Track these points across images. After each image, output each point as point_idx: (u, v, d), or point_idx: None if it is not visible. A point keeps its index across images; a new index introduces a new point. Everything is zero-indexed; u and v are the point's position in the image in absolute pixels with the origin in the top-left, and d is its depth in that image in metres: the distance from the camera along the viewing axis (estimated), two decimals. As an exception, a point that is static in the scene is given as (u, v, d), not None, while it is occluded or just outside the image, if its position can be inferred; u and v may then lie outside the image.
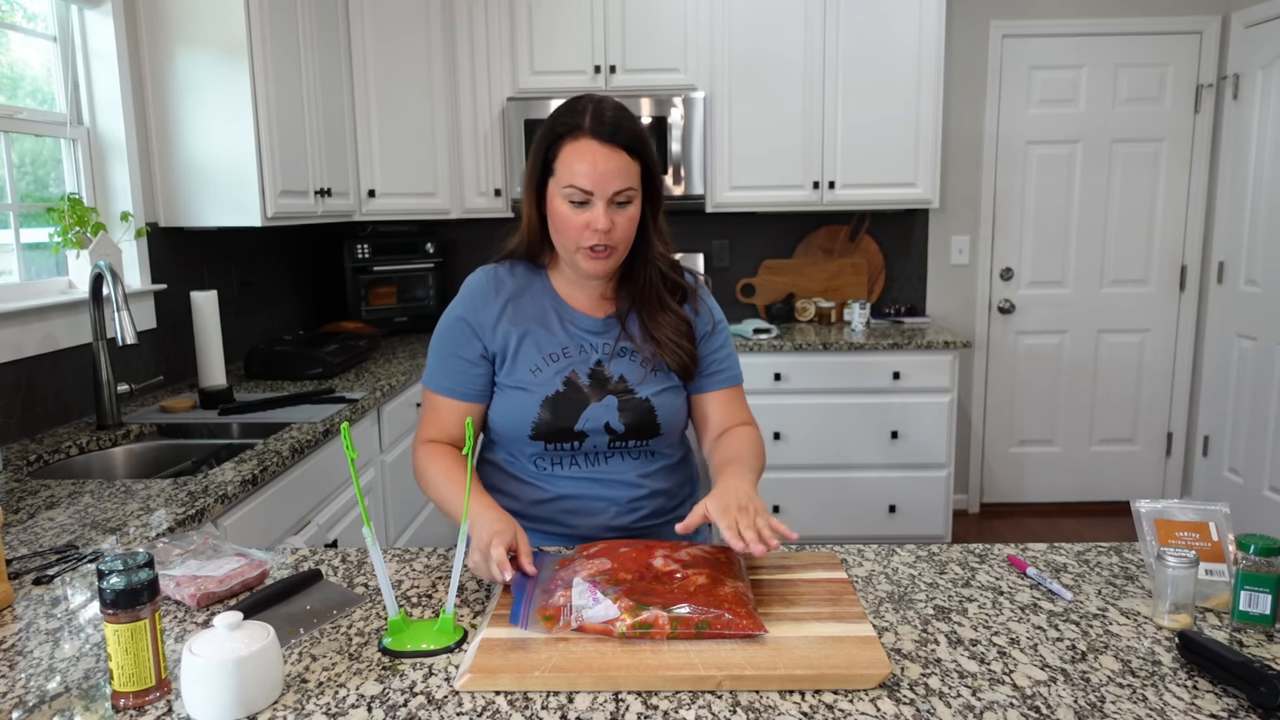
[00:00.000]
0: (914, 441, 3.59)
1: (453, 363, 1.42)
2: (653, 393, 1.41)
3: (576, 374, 1.40)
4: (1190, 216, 4.07)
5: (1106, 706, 0.90)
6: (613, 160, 1.28)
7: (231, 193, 2.69)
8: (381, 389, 2.68)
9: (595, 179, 1.28)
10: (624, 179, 1.29)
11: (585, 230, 1.31)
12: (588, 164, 1.28)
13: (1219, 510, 1.15)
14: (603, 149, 1.28)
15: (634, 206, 1.33)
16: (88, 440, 2.14)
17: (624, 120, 1.31)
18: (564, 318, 1.43)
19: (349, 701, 0.92)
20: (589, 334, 1.43)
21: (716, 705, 0.91)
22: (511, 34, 3.64)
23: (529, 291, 1.44)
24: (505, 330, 1.41)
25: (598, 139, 1.28)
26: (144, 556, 0.94)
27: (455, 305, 1.46)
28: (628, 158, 1.30)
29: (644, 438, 1.42)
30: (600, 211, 1.29)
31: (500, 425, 1.43)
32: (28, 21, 2.39)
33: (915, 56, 3.62)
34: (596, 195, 1.29)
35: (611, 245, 1.32)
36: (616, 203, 1.30)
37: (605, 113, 1.30)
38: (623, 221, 1.32)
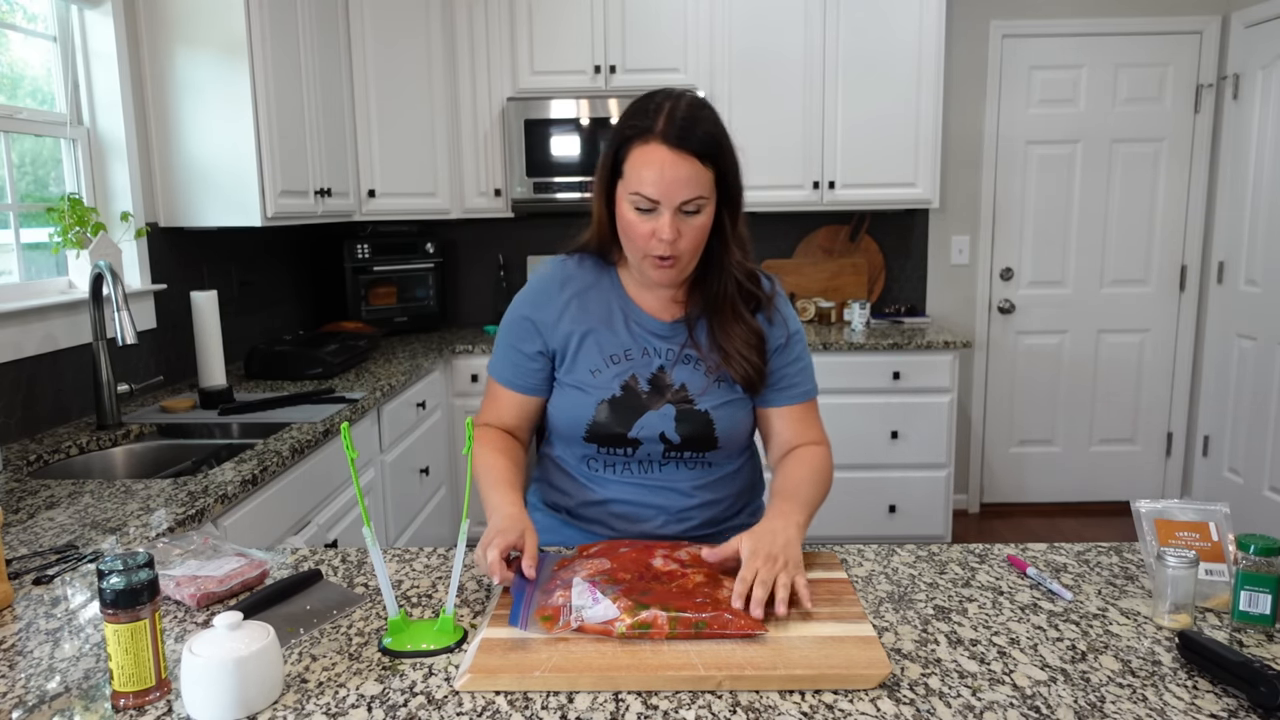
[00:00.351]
0: (914, 441, 3.59)
1: (513, 355, 1.41)
2: (713, 405, 1.35)
3: (636, 378, 1.36)
4: (1190, 216, 4.07)
5: (1106, 706, 0.90)
6: (682, 168, 1.21)
7: (231, 193, 2.69)
8: (381, 389, 2.68)
9: (662, 188, 1.21)
10: (693, 188, 1.22)
11: (651, 239, 1.24)
12: (655, 171, 1.21)
13: (1219, 510, 1.15)
14: (672, 155, 1.20)
15: (704, 215, 1.25)
16: (88, 440, 2.14)
17: (698, 123, 1.23)
18: (630, 317, 1.38)
19: (349, 701, 0.92)
20: (654, 337, 1.38)
21: (716, 705, 0.91)
22: (511, 34, 3.64)
23: (596, 288, 1.40)
24: (567, 328, 1.38)
25: (667, 144, 1.21)
26: (144, 556, 0.94)
27: (520, 297, 1.43)
28: (699, 165, 1.22)
29: (700, 450, 1.37)
30: (666, 221, 1.22)
31: (557, 422, 1.41)
32: (28, 21, 2.39)
33: (915, 56, 3.62)
34: (663, 204, 1.22)
35: (677, 255, 1.26)
36: (684, 211, 1.23)
37: (678, 115, 1.22)
38: (690, 231, 1.25)
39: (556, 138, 3.61)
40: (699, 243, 1.28)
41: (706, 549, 1.16)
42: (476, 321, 4.20)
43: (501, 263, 4.13)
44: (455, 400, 3.56)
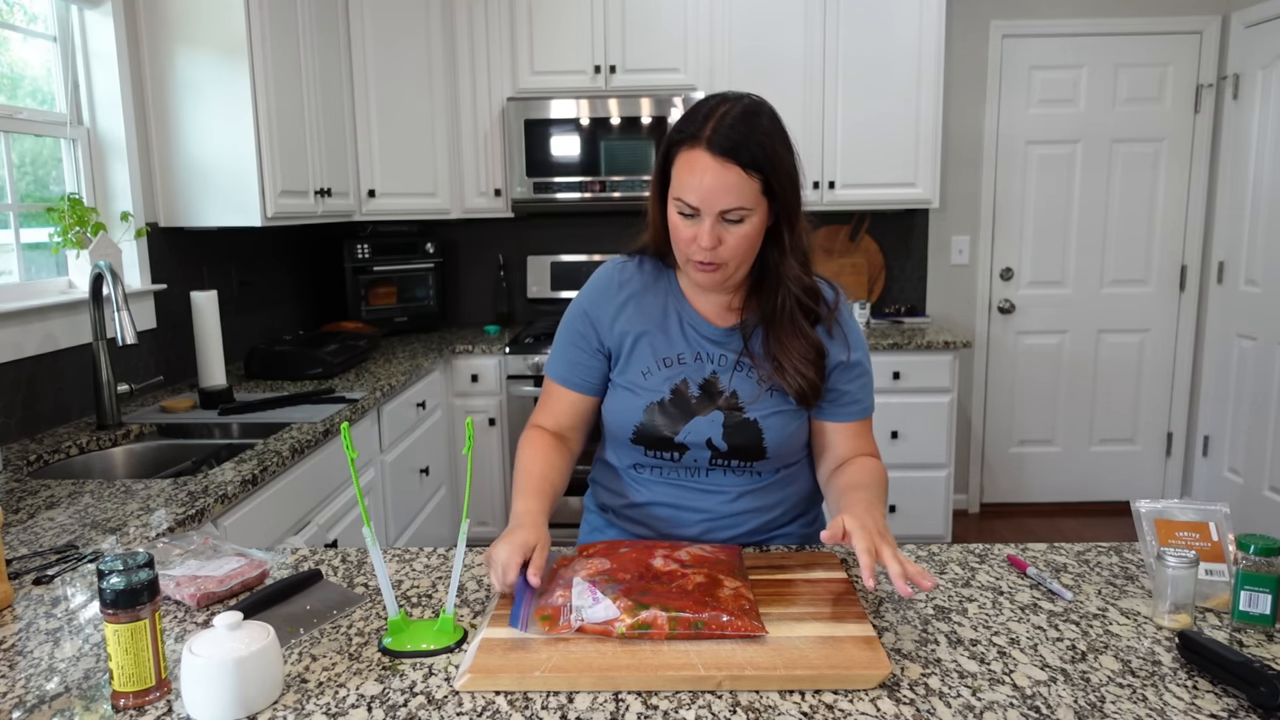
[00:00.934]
0: (914, 441, 3.58)
1: (570, 353, 1.40)
2: (763, 414, 1.33)
3: (687, 383, 1.34)
4: (1190, 216, 4.07)
5: (1106, 706, 0.90)
6: (724, 176, 1.19)
7: (231, 193, 2.69)
8: (381, 389, 2.68)
9: (702, 195, 1.20)
10: (734, 198, 1.20)
11: (693, 244, 1.24)
12: (696, 179, 1.20)
13: (1219, 510, 1.15)
14: (715, 163, 1.19)
15: (748, 225, 1.23)
16: (88, 440, 2.14)
17: (748, 133, 1.20)
18: (685, 321, 1.37)
19: (349, 701, 0.92)
20: (708, 342, 1.36)
21: (716, 705, 0.91)
22: (511, 34, 3.64)
23: (653, 290, 1.39)
24: (622, 328, 1.37)
25: (711, 152, 1.19)
26: (144, 556, 0.94)
27: (580, 296, 1.42)
28: (743, 174, 1.19)
29: (748, 459, 1.35)
30: (706, 228, 1.21)
31: (608, 422, 1.40)
32: (28, 22, 2.39)
33: (915, 56, 3.62)
34: (704, 211, 1.21)
35: (719, 262, 1.25)
36: (726, 220, 1.22)
37: (727, 122, 1.20)
38: (733, 239, 1.23)
39: (557, 138, 3.61)
40: (743, 251, 1.25)
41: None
42: (476, 321, 4.20)
43: (501, 263, 4.13)
44: (455, 400, 3.56)
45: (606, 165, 3.61)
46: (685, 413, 1.33)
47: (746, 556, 1.29)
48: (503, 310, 4.11)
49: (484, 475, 3.60)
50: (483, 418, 3.56)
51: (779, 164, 1.23)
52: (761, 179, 1.21)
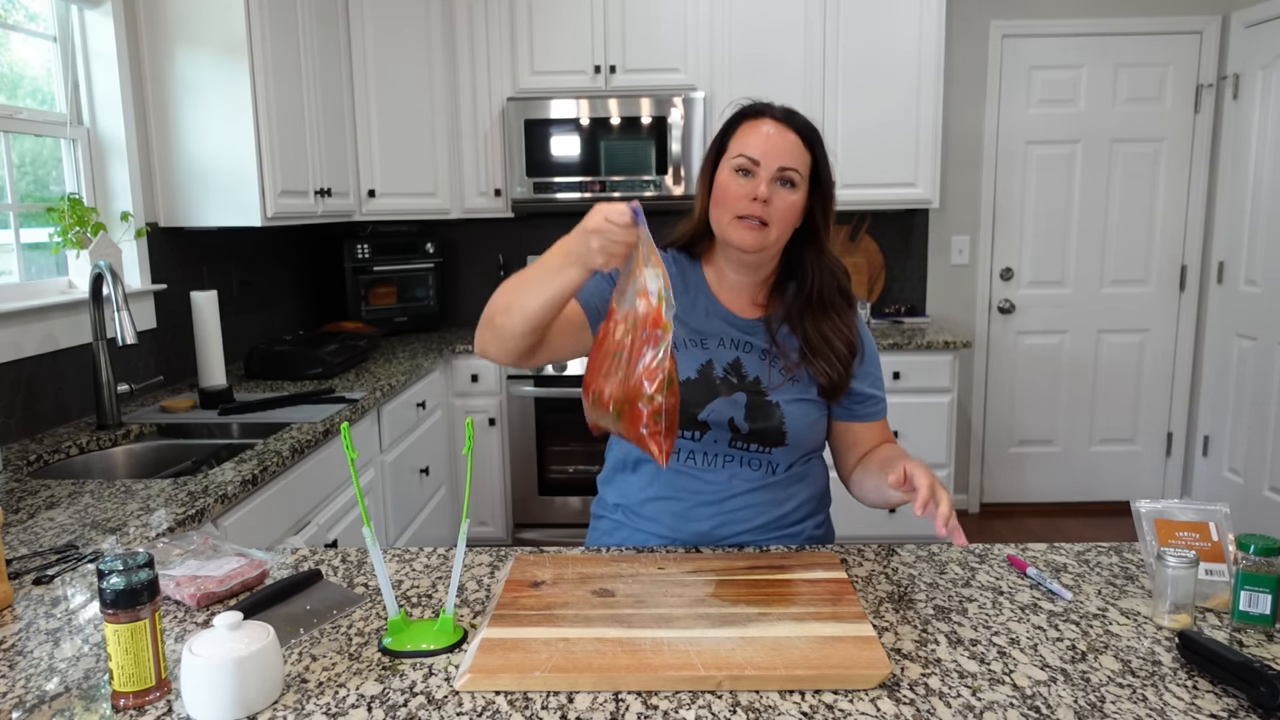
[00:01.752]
0: (914, 441, 3.58)
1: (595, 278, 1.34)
2: (786, 400, 1.36)
3: (713, 364, 1.38)
4: (1190, 216, 4.07)
5: (1106, 706, 0.90)
6: (785, 138, 1.32)
7: (231, 193, 2.69)
8: (381, 389, 2.68)
9: (765, 149, 1.31)
10: (793, 158, 1.31)
11: (743, 199, 1.31)
12: (760, 137, 1.32)
13: (1219, 510, 1.15)
14: (779, 127, 1.33)
15: (797, 194, 1.33)
16: (88, 440, 2.14)
17: (801, 115, 1.36)
18: (711, 311, 1.41)
19: (349, 701, 0.92)
20: (733, 329, 1.40)
21: (716, 705, 0.91)
22: (511, 34, 3.64)
23: (682, 279, 1.43)
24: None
25: (775, 119, 1.34)
26: (144, 556, 0.94)
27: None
28: (800, 143, 1.33)
29: (767, 444, 1.37)
30: (763, 180, 1.30)
31: None
32: (28, 21, 2.39)
33: (915, 57, 3.62)
34: (762, 166, 1.31)
35: (766, 220, 1.31)
36: (781, 180, 1.31)
37: (781, 106, 1.37)
38: (782, 201, 1.31)
39: (557, 138, 3.61)
40: (787, 217, 1.33)
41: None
42: (476, 321, 4.18)
43: (501, 263, 4.13)
44: (455, 400, 3.56)
45: (606, 165, 3.61)
46: (710, 392, 1.35)
47: (747, 556, 1.29)
48: (503, 310, 4.10)
49: (484, 475, 3.60)
50: (483, 418, 3.56)
51: (824, 155, 1.36)
52: (812, 158, 1.34)
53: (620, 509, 1.46)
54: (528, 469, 3.58)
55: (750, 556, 1.29)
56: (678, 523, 1.39)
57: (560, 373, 3.47)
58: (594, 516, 1.54)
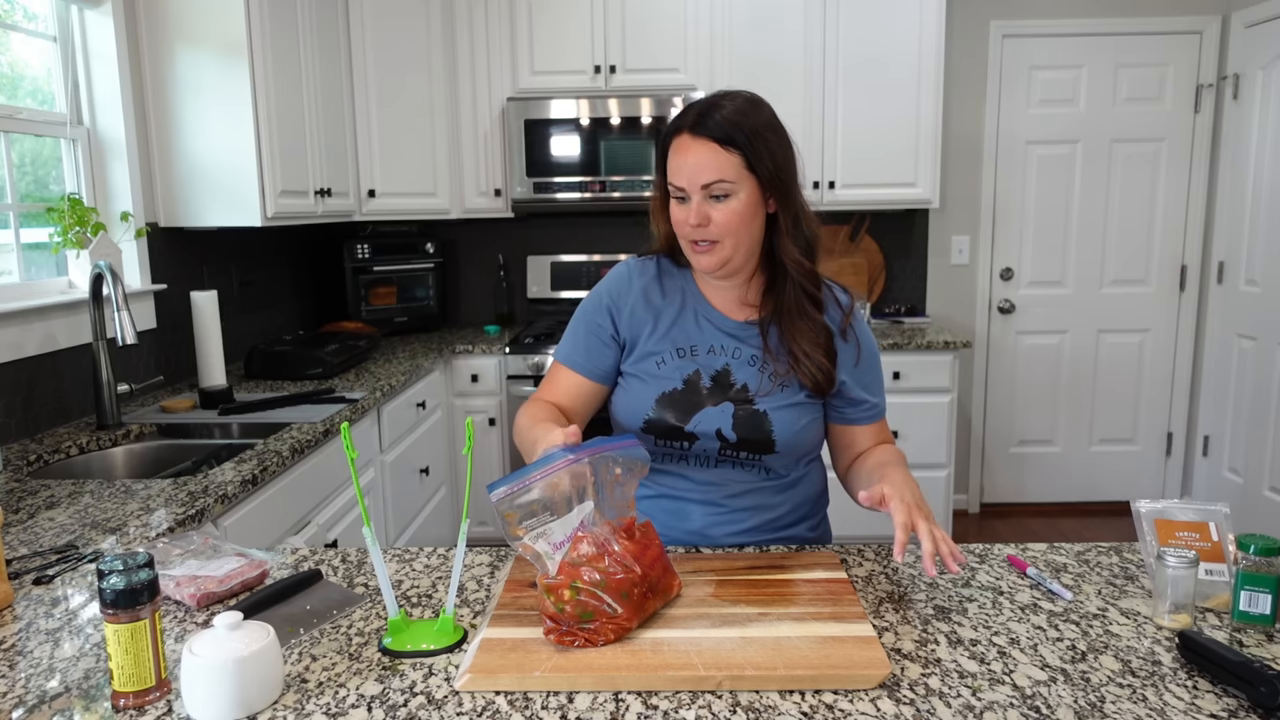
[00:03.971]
0: (914, 441, 3.58)
1: (584, 339, 1.42)
2: (773, 407, 1.35)
3: (699, 374, 1.37)
4: (1190, 216, 4.07)
5: (1106, 706, 0.90)
6: (701, 154, 1.26)
7: (231, 193, 2.69)
8: (381, 389, 2.68)
9: (685, 174, 1.28)
10: (712, 171, 1.26)
11: (683, 225, 1.30)
12: (680, 160, 1.29)
13: (1219, 510, 1.15)
14: (693, 142, 1.27)
15: (735, 201, 1.27)
16: (88, 440, 2.14)
17: (720, 112, 1.27)
18: (700, 314, 1.40)
19: (349, 701, 0.92)
20: (723, 334, 1.39)
21: (716, 705, 0.91)
22: (511, 34, 3.64)
23: (670, 284, 1.43)
24: (640, 317, 1.40)
25: (690, 132, 1.28)
26: (144, 556, 0.94)
27: (598, 288, 1.45)
28: (719, 149, 1.26)
29: (756, 451, 1.36)
30: (693, 206, 1.28)
31: (618, 414, 1.42)
32: (28, 21, 2.39)
33: (915, 57, 3.62)
34: (688, 189, 1.28)
35: (712, 239, 1.29)
36: (713, 196, 1.28)
37: (700, 106, 1.29)
38: (721, 216, 1.28)
39: (557, 138, 3.61)
40: (734, 227, 1.29)
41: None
42: (476, 321, 4.20)
43: (501, 263, 4.13)
44: (455, 400, 3.56)
45: (606, 165, 3.61)
46: (696, 403, 1.35)
47: (747, 556, 1.29)
48: (503, 310, 4.10)
49: (484, 475, 3.60)
50: (483, 418, 3.55)
51: (759, 142, 1.27)
52: (740, 155, 1.26)
53: None
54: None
55: (750, 557, 1.29)
56: (670, 519, 1.40)
57: (560, 373, 3.47)
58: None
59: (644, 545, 1.08)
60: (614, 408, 1.44)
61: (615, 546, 1.04)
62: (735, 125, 1.26)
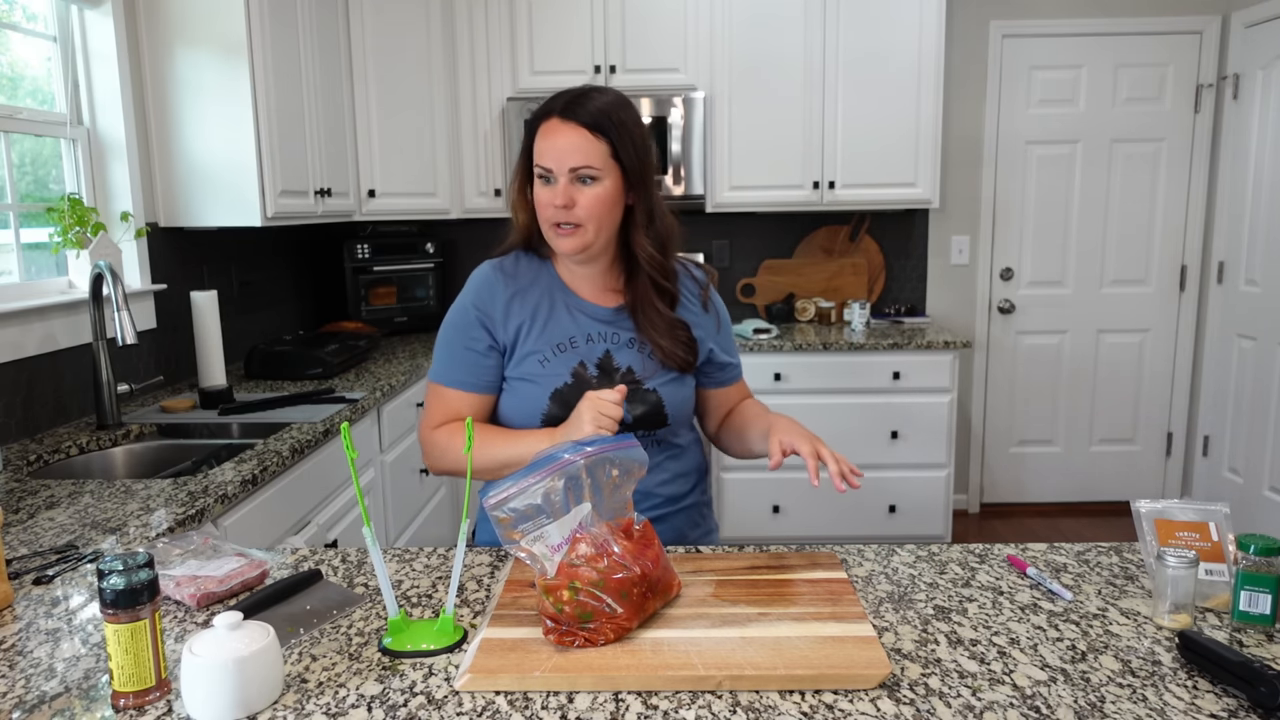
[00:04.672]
0: (914, 441, 3.58)
1: (462, 355, 1.41)
2: (660, 383, 1.41)
3: (584, 365, 1.39)
4: (1190, 216, 4.07)
5: (1106, 706, 0.90)
6: (571, 137, 1.31)
7: (231, 193, 2.69)
8: (381, 389, 2.68)
9: (554, 155, 1.31)
10: (581, 156, 1.30)
11: (548, 206, 1.33)
12: (549, 141, 1.33)
13: (1219, 510, 1.15)
14: (563, 126, 1.32)
15: (600, 186, 1.32)
16: (88, 440, 2.14)
17: (593, 102, 1.33)
18: (571, 306, 1.42)
19: (349, 701, 0.92)
20: (597, 322, 1.42)
21: (716, 705, 0.91)
22: (511, 34, 3.64)
23: (535, 282, 1.44)
24: (514, 321, 1.41)
25: (560, 117, 1.32)
26: (144, 556, 0.94)
27: (462, 298, 1.45)
28: (589, 135, 1.31)
29: (652, 428, 1.41)
30: (560, 187, 1.31)
31: (511, 419, 1.42)
32: (28, 21, 2.39)
33: (915, 57, 3.62)
34: (555, 170, 1.32)
35: (576, 222, 1.32)
36: (579, 179, 1.32)
37: (572, 94, 1.34)
38: (585, 200, 1.32)
39: (556, 138, 3.61)
40: (598, 212, 1.33)
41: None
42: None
43: (501, 263, 4.12)
44: (455, 400, 3.55)
45: (606, 165, 3.60)
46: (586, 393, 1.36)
47: (747, 556, 1.29)
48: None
49: (484, 475, 3.60)
50: (483, 418, 3.55)
51: (625, 133, 1.33)
52: (608, 143, 1.32)
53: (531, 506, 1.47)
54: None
55: (750, 557, 1.29)
56: None
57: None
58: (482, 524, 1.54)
59: (643, 545, 1.08)
60: (503, 412, 1.43)
61: (614, 547, 1.04)
62: (605, 115, 1.32)
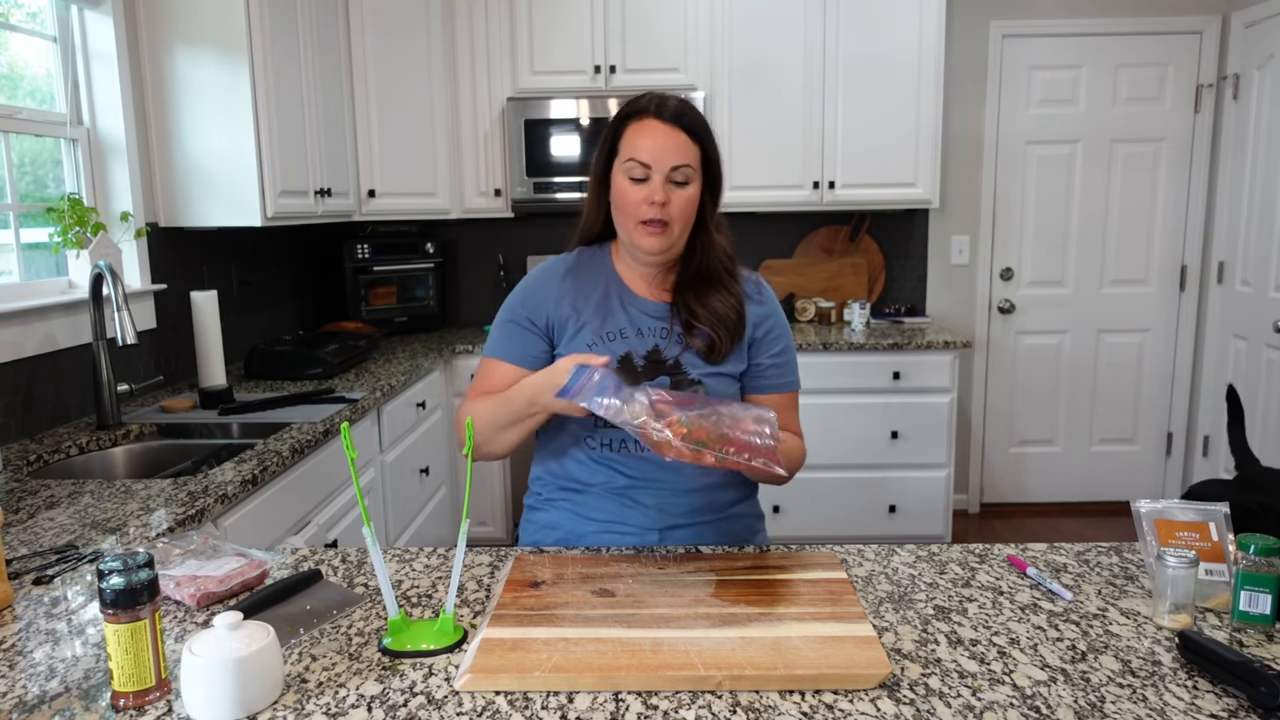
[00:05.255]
0: (914, 441, 3.58)
1: (515, 331, 1.45)
2: (705, 374, 1.41)
3: (632, 354, 1.41)
4: (1190, 216, 4.07)
5: (1106, 706, 0.90)
6: (673, 138, 1.35)
7: (231, 193, 2.69)
8: (381, 389, 2.68)
9: (655, 153, 1.34)
10: (683, 156, 1.35)
11: (643, 204, 1.35)
12: (649, 140, 1.35)
13: (1219, 510, 1.15)
14: (664, 128, 1.35)
15: (692, 188, 1.36)
16: (88, 440, 2.14)
17: (687, 109, 1.38)
18: (625, 300, 1.45)
19: (349, 701, 0.92)
20: (648, 317, 1.44)
21: (716, 705, 0.91)
22: (511, 34, 3.64)
23: (591, 274, 1.47)
24: (567, 309, 1.44)
25: (660, 119, 1.36)
26: (144, 556, 0.94)
27: (520, 285, 1.50)
28: (688, 139, 1.35)
29: None
30: (658, 185, 1.34)
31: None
32: (28, 21, 2.39)
33: (915, 57, 3.62)
34: (655, 169, 1.34)
35: (667, 221, 1.35)
36: (674, 181, 1.35)
37: (671, 101, 1.38)
38: (679, 200, 1.35)
39: (556, 138, 3.61)
40: (687, 214, 1.37)
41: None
42: (476, 321, 4.20)
43: (501, 263, 4.13)
44: (455, 400, 3.56)
45: (606, 165, 3.60)
46: (633, 380, 1.38)
47: (747, 556, 1.29)
48: (503, 310, 4.10)
49: (484, 475, 3.60)
50: (483, 418, 3.55)
51: (711, 142, 1.40)
52: (701, 150, 1.37)
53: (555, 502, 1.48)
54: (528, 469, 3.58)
55: (751, 557, 1.29)
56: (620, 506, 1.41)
57: (560, 373, 3.47)
58: (527, 509, 1.56)
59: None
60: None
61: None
62: (699, 124, 1.38)
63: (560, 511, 1.47)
